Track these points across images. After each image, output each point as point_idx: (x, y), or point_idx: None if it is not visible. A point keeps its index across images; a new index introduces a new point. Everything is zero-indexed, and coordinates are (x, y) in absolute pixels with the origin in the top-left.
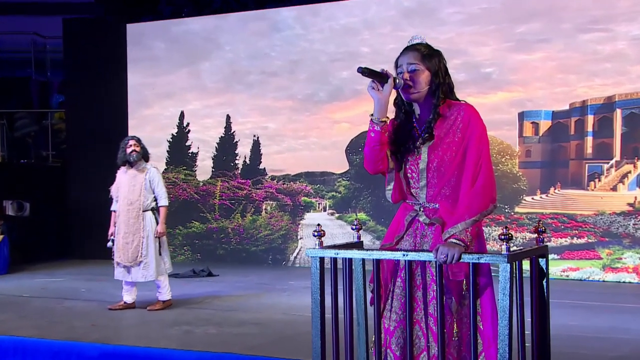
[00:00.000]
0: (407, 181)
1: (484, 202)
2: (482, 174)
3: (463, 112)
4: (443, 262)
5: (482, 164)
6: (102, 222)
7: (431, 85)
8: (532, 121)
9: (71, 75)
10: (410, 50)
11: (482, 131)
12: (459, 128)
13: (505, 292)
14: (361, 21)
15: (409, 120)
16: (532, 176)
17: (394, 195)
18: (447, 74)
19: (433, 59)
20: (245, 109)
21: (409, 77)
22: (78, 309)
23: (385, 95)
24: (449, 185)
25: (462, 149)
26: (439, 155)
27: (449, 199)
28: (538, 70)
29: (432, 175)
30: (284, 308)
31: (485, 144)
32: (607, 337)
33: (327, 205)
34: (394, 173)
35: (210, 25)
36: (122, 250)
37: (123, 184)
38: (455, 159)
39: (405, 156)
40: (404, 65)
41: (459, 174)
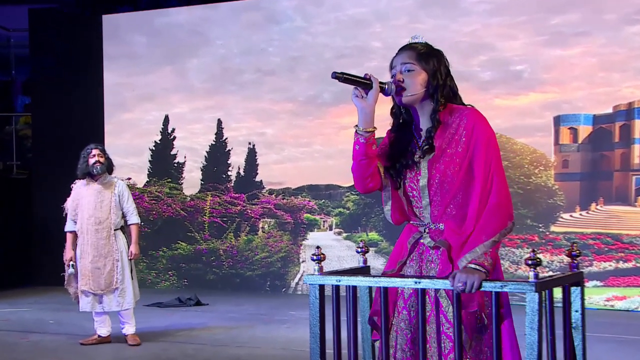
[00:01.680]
0: (409, 200)
1: (502, 220)
2: (495, 188)
3: (466, 119)
4: (461, 290)
5: (494, 177)
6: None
7: (428, 88)
8: (569, 126)
9: (38, 73)
10: (406, 49)
11: (489, 139)
12: (462, 137)
13: (533, 325)
14: (372, 11)
15: (407, 131)
16: (570, 190)
17: (393, 215)
18: (449, 75)
19: (431, 58)
20: (239, 113)
21: (402, 78)
22: (45, 344)
23: (369, 103)
24: (454, 202)
25: (467, 160)
26: (441, 169)
27: (455, 219)
28: (576, 67)
29: (435, 193)
30: (283, 342)
31: (494, 153)
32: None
33: (333, 223)
34: (391, 191)
35: (198, 16)
36: (91, 277)
37: (86, 200)
38: (460, 173)
39: (404, 172)
40: (397, 66)
41: (465, 189)
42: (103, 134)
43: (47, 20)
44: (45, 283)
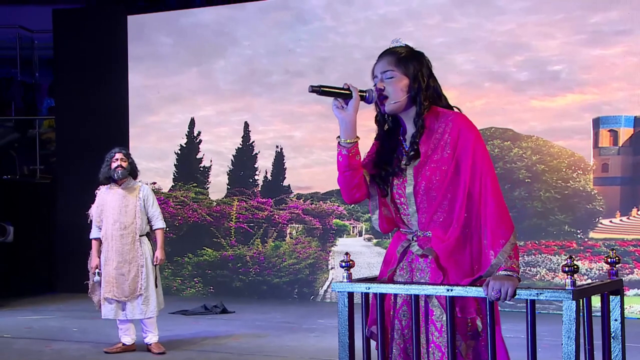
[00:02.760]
0: (396, 207)
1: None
2: (490, 193)
3: (451, 124)
4: (496, 299)
5: (487, 182)
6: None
7: (410, 92)
8: (609, 129)
9: (63, 75)
10: (385, 55)
11: (476, 144)
12: (447, 143)
13: (570, 335)
14: (404, 10)
15: (393, 138)
16: (610, 195)
17: (381, 224)
18: (432, 77)
19: (411, 62)
20: (266, 116)
21: (383, 86)
22: (69, 352)
23: (349, 113)
24: (441, 209)
25: (453, 167)
26: (427, 176)
27: (442, 226)
28: (617, 67)
29: (422, 200)
30: (312, 352)
31: (481, 159)
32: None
33: (363, 229)
34: (378, 199)
35: (224, 16)
36: (115, 284)
37: (110, 205)
38: (446, 179)
39: (391, 179)
40: (378, 75)
41: (452, 196)
42: (128, 137)
43: (71, 21)
44: (68, 290)
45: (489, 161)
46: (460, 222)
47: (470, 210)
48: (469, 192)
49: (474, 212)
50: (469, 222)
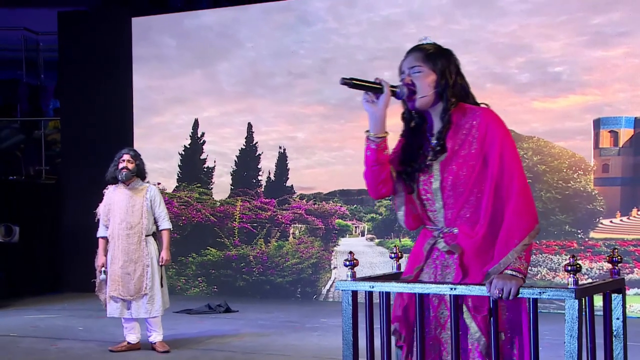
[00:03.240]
0: (422, 204)
1: (529, 221)
2: (516, 188)
3: (479, 119)
4: (498, 297)
5: (513, 177)
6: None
7: (438, 88)
8: (610, 130)
9: (67, 77)
10: (413, 51)
11: (504, 139)
12: (475, 138)
13: (572, 333)
14: (406, 12)
15: (419, 135)
16: (610, 195)
17: (407, 221)
18: (459, 74)
19: (439, 58)
20: (269, 117)
21: (410, 80)
22: (74, 350)
23: (380, 108)
24: (468, 205)
25: (481, 161)
26: (454, 171)
27: (469, 222)
28: (618, 69)
29: (448, 195)
30: (315, 350)
31: (510, 153)
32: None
33: (365, 229)
34: (404, 196)
35: (228, 18)
36: (120, 283)
37: (117, 205)
38: (473, 174)
39: (417, 175)
40: (406, 70)
41: (479, 192)
42: (132, 138)
43: (76, 23)
44: (73, 289)
45: (517, 157)
46: (487, 218)
47: (497, 207)
48: (496, 188)
49: (500, 208)
50: (495, 219)
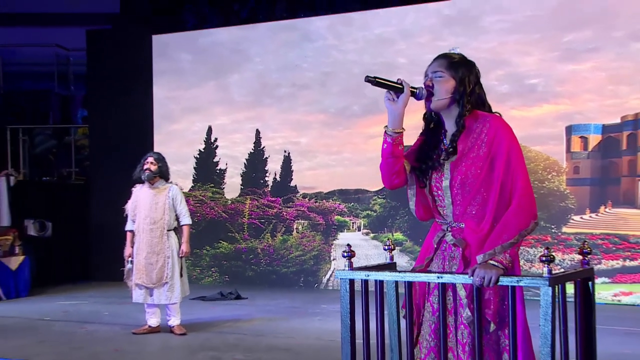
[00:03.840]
0: (433, 199)
1: (524, 221)
2: (518, 190)
3: (489, 125)
4: (479, 285)
5: (517, 180)
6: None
7: (455, 95)
8: (580, 135)
9: (95, 88)
10: (439, 58)
11: (511, 143)
12: (484, 142)
13: (547, 317)
14: (398, 30)
15: (436, 135)
16: (580, 194)
17: (417, 211)
18: (478, 84)
19: (461, 67)
20: (275, 124)
21: (431, 83)
22: (100, 333)
23: (399, 106)
24: (474, 203)
25: (488, 164)
26: (462, 171)
27: (475, 218)
28: (587, 81)
29: (457, 193)
30: (317, 333)
31: (516, 157)
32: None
33: (361, 224)
34: (416, 189)
35: (238, 35)
36: (144, 272)
37: (142, 202)
38: (481, 175)
39: (430, 173)
40: (429, 74)
41: (485, 191)
42: (152, 143)
43: (102, 40)
44: (100, 279)
45: (523, 161)
46: (491, 216)
47: (501, 206)
48: (502, 189)
49: (505, 207)
50: (500, 217)
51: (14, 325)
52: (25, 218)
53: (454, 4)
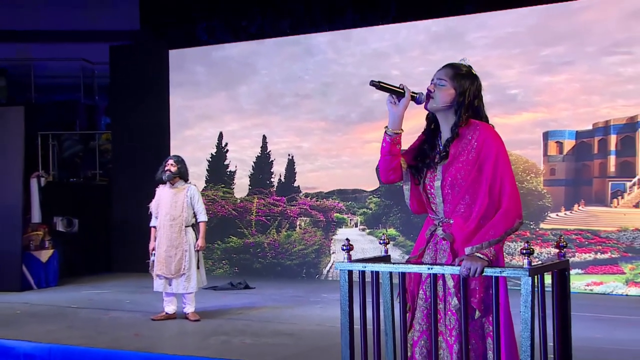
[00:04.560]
0: (427, 196)
1: (510, 222)
2: (506, 194)
3: (479, 133)
4: (466, 275)
5: (506, 184)
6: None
7: (453, 104)
8: (556, 141)
9: (117, 98)
10: (447, 66)
11: (499, 150)
12: (473, 148)
13: (527, 304)
14: (391, 45)
15: (435, 137)
16: (556, 194)
17: (412, 206)
18: (478, 97)
19: (464, 80)
20: (280, 130)
21: (433, 89)
22: (122, 319)
23: (399, 109)
24: (463, 202)
25: (476, 168)
26: (453, 173)
27: (463, 216)
28: (562, 91)
29: (447, 192)
30: (318, 320)
31: (502, 162)
32: (629, 349)
33: (358, 221)
34: (410, 185)
35: (247, 50)
36: (164, 263)
37: (164, 200)
38: (469, 178)
39: (425, 172)
40: (434, 79)
41: (473, 192)
42: (169, 148)
43: (124, 54)
44: (121, 270)
45: (509, 166)
46: (478, 215)
47: (489, 206)
48: (490, 191)
49: (491, 207)
50: (486, 215)
51: (45, 311)
52: (54, 215)
53: (441, 22)
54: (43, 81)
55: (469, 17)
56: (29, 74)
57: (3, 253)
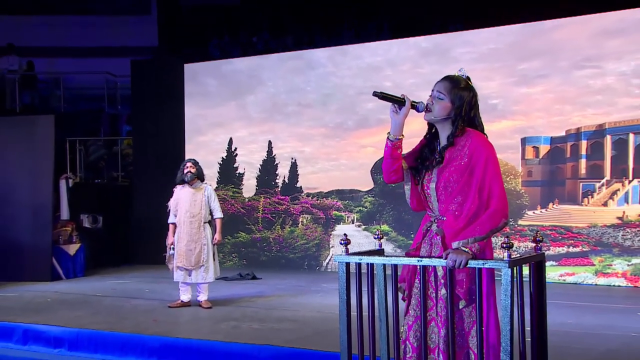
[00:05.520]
0: (425, 195)
1: (495, 222)
2: (495, 197)
3: (471, 140)
4: (451, 266)
5: (493, 187)
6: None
7: (450, 115)
8: (533, 146)
9: (137, 108)
10: (446, 79)
11: (488, 156)
12: (465, 154)
13: (507, 293)
14: (384, 60)
15: (434, 139)
16: (533, 193)
17: (412, 203)
18: (473, 109)
19: (460, 92)
20: (284, 136)
21: (432, 102)
22: (142, 306)
23: (400, 117)
24: (455, 202)
25: (468, 172)
26: (446, 176)
27: (454, 214)
28: (538, 101)
29: (441, 193)
30: (318, 307)
31: (492, 167)
32: (598, 333)
33: (355, 218)
34: (411, 185)
35: (254, 64)
36: (184, 256)
37: (183, 200)
38: (461, 181)
39: (424, 173)
40: (434, 91)
41: (464, 193)
42: (184, 152)
43: (143, 68)
44: (140, 262)
45: (498, 170)
46: (469, 214)
47: (478, 206)
48: (479, 193)
49: (480, 207)
50: (477, 215)
51: (73, 299)
52: (81, 213)
53: (430, 39)
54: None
55: (455, 35)
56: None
57: (35, 247)
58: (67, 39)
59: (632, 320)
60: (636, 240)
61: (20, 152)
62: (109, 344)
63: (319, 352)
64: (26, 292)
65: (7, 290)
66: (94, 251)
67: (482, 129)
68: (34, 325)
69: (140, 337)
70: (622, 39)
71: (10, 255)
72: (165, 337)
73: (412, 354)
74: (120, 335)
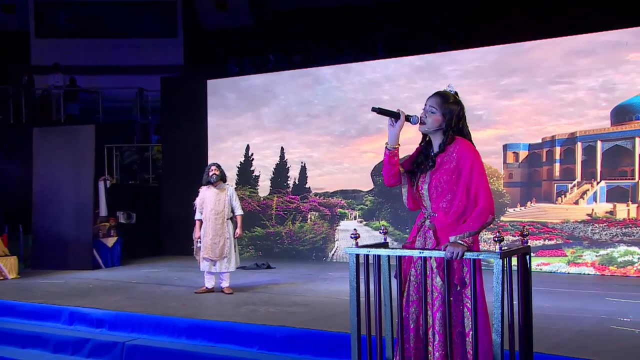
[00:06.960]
0: (419, 195)
1: (484, 218)
2: (481, 196)
3: (458, 147)
4: (450, 257)
5: (480, 188)
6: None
7: (441, 126)
8: (513, 151)
9: (166, 118)
10: (437, 95)
11: (474, 161)
12: (454, 159)
13: (498, 281)
14: (382, 76)
15: (428, 147)
16: (513, 193)
17: (408, 204)
18: (462, 120)
19: (450, 107)
20: (295, 143)
21: (424, 115)
22: (172, 292)
23: (396, 129)
24: (445, 200)
25: (456, 174)
26: (437, 178)
27: (444, 211)
28: (518, 113)
29: (433, 193)
30: (326, 292)
31: (477, 170)
32: (572, 315)
33: (357, 215)
34: (407, 187)
35: (268, 80)
36: (210, 249)
37: (208, 199)
38: (450, 182)
39: (419, 176)
40: (427, 106)
41: (453, 194)
42: (207, 157)
43: (171, 84)
44: (169, 253)
45: (484, 172)
46: (457, 212)
47: (466, 204)
48: (467, 193)
49: (468, 205)
50: (465, 212)
51: (111, 286)
52: (117, 210)
53: (422, 58)
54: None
55: (444, 54)
56: (97, 99)
57: (78, 240)
58: (105, 59)
59: (600, 304)
60: (603, 234)
61: (65, 158)
62: (143, 325)
63: (328, 332)
64: (71, 279)
65: (55, 277)
66: (129, 244)
67: (470, 138)
68: (79, 308)
69: (170, 319)
70: (591, 58)
71: (57, 247)
72: (193, 319)
73: (410, 334)
74: (154, 317)
